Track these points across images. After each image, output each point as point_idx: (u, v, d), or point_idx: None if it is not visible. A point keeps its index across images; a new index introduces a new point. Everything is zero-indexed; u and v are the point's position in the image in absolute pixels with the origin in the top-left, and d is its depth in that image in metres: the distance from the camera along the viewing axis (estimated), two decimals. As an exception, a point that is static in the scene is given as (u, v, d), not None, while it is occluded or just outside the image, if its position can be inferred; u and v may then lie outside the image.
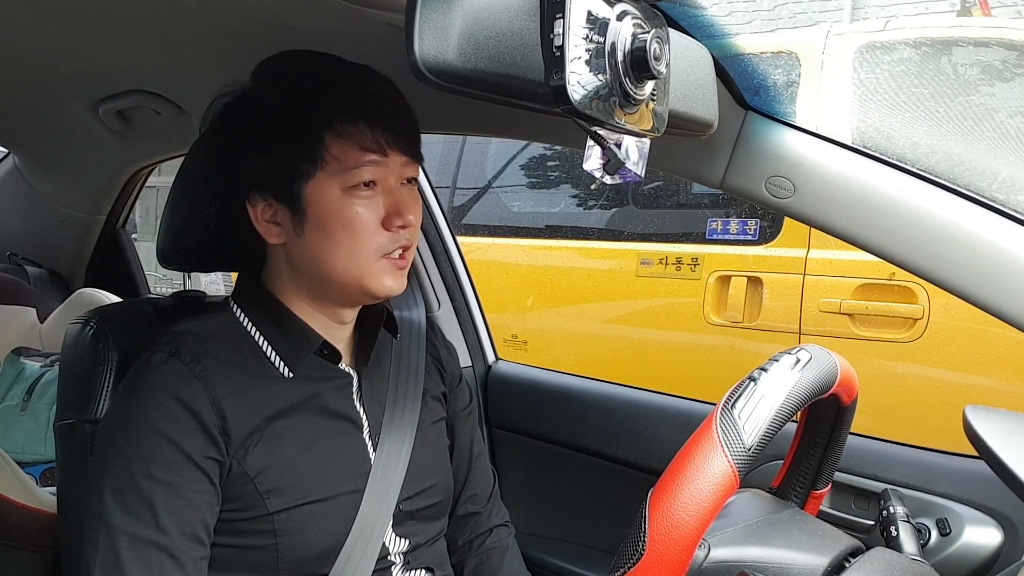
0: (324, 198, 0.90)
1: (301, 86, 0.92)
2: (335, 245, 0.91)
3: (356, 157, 0.90)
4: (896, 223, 0.92)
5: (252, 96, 0.95)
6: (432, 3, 0.59)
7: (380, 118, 0.90)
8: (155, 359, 0.91)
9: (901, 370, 2.36)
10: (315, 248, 0.92)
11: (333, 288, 0.95)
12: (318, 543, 0.93)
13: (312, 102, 0.91)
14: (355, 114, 0.90)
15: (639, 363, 2.86)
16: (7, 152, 2.10)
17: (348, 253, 0.91)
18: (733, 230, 2.70)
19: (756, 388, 0.71)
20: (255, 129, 0.93)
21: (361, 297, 0.96)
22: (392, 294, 0.95)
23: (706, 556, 0.77)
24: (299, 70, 0.94)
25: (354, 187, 0.90)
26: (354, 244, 0.91)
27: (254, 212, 0.94)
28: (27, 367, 1.85)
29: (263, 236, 0.94)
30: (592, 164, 0.71)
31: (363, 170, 0.90)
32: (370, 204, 0.91)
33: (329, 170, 0.90)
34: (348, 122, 0.90)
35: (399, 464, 1.00)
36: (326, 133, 0.89)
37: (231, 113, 0.96)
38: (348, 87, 0.92)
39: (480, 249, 3.21)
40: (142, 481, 0.85)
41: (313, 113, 0.90)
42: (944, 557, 1.10)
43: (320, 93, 0.91)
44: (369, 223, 0.91)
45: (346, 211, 0.90)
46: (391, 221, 0.91)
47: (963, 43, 2.33)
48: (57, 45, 1.18)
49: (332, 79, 0.92)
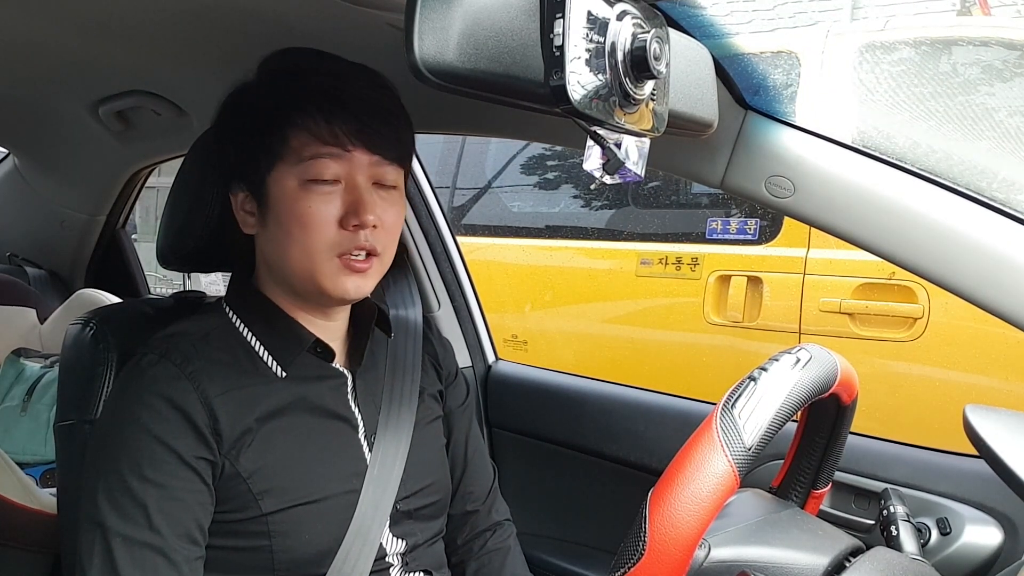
0: (281, 189, 0.91)
1: (275, 79, 0.94)
2: (290, 238, 0.91)
3: (313, 149, 0.90)
4: (896, 223, 0.92)
5: (241, 91, 0.97)
6: (432, 3, 0.59)
7: (343, 112, 0.90)
8: (146, 361, 0.91)
9: (901, 370, 2.36)
10: (276, 239, 0.93)
11: (295, 284, 0.95)
12: (314, 544, 0.93)
13: (280, 94, 0.92)
14: (315, 107, 0.89)
15: (639, 363, 2.86)
16: (7, 152, 2.10)
17: (301, 247, 0.91)
18: (733, 230, 2.70)
19: (756, 388, 0.71)
20: (233, 120, 0.96)
21: (319, 297, 0.95)
22: (350, 296, 0.94)
23: (706, 556, 0.77)
24: (283, 65, 0.95)
25: (311, 181, 0.90)
26: (306, 238, 0.90)
27: (235, 201, 0.96)
28: (27, 368, 1.85)
29: (240, 225, 0.96)
30: (592, 164, 0.71)
31: (319, 163, 0.90)
32: (327, 200, 0.90)
33: (288, 161, 0.91)
34: (307, 115, 0.90)
35: (396, 464, 1.00)
36: (286, 124, 0.90)
37: (225, 107, 0.99)
38: (319, 81, 0.91)
39: (480, 249, 3.21)
40: (134, 482, 0.85)
41: (278, 104, 0.91)
42: (944, 556, 1.09)
43: (289, 86, 0.92)
44: (322, 218, 0.90)
45: (300, 204, 0.90)
46: (348, 219, 0.90)
47: (963, 43, 2.33)
48: (57, 45, 1.18)
49: (306, 72, 0.93)
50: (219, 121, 0.99)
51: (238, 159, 0.95)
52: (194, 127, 1.47)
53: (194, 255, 1.05)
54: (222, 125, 0.99)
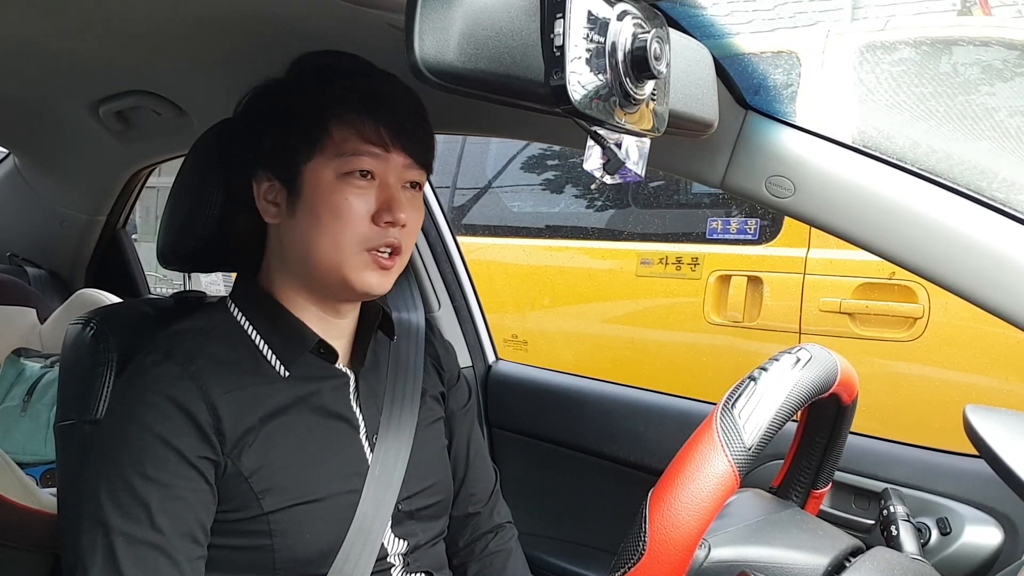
0: (318, 180, 0.92)
1: (314, 76, 0.96)
2: (321, 228, 0.92)
3: (355, 145, 0.92)
4: (896, 223, 0.92)
5: (277, 85, 0.98)
6: (432, 3, 0.59)
7: (385, 114, 0.92)
8: (149, 360, 0.92)
9: (901, 370, 2.36)
10: (303, 230, 0.94)
11: (317, 276, 0.95)
12: (315, 543, 0.93)
13: (323, 89, 0.93)
14: (360, 105, 0.92)
15: (639, 363, 2.86)
16: (7, 152, 2.10)
17: (332, 239, 0.92)
18: (733, 230, 2.70)
19: (756, 388, 0.71)
20: (270, 111, 0.97)
21: (342, 290, 0.96)
22: (373, 292, 0.95)
23: (706, 556, 0.77)
24: (323, 63, 0.97)
25: (349, 174, 0.92)
26: (339, 230, 0.92)
27: (258, 190, 0.97)
28: (27, 368, 1.85)
29: (261, 214, 0.97)
30: (592, 164, 0.71)
31: (361, 159, 0.92)
32: (362, 195, 0.92)
33: (328, 154, 0.92)
34: (352, 110, 0.92)
35: (397, 464, 1.00)
36: (331, 118, 0.92)
37: (255, 98, 1.00)
38: (362, 81, 0.94)
39: (480, 249, 3.21)
40: (137, 482, 0.86)
41: (321, 99, 0.93)
42: (944, 556, 1.09)
43: (333, 82, 0.94)
44: (358, 212, 0.92)
45: (336, 196, 0.92)
46: (380, 215, 0.92)
47: (963, 42, 2.33)
48: (57, 45, 1.18)
49: (350, 72, 0.95)
50: (248, 112, 1.00)
51: (271, 147, 0.95)
52: (194, 127, 1.47)
53: (194, 255, 1.05)
54: (251, 116, 0.99)
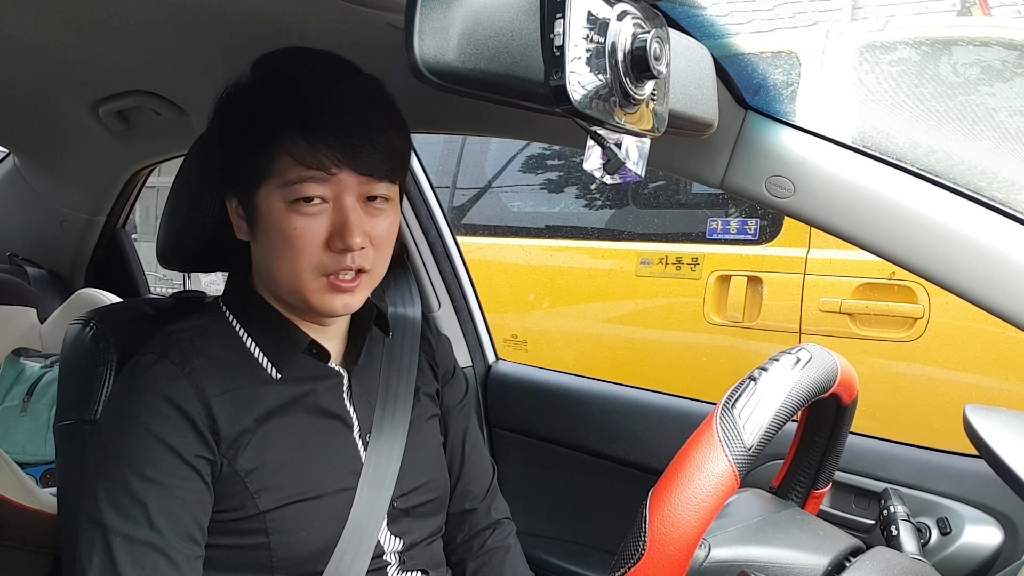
0: (269, 208, 0.89)
1: (263, 91, 0.91)
2: (277, 256, 0.90)
3: (296, 173, 0.87)
4: (896, 223, 0.92)
5: (234, 96, 0.95)
6: (432, 3, 0.59)
7: (326, 135, 0.86)
8: (145, 360, 0.92)
9: (901, 370, 2.36)
10: (264, 253, 0.93)
11: (283, 297, 0.95)
12: (311, 541, 0.93)
13: (267, 106, 0.89)
14: (299, 128, 0.86)
15: (639, 363, 2.86)
16: (7, 152, 2.10)
17: (289, 267, 0.90)
18: (733, 230, 2.70)
19: (756, 388, 0.71)
20: (227, 128, 0.94)
21: (307, 311, 0.95)
22: (338, 313, 0.93)
23: (707, 556, 0.77)
24: (274, 68, 0.92)
25: (295, 202, 0.88)
26: (293, 258, 0.89)
27: (229, 205, 0.96)
28: (27, 368, 1.85)
29: (235, 230, 0.96)
30: (592, 164, 0.71)
31: (305, 186, 0.87)
32: (313, 221, 0.88)
33: (274, 182, 0.89)
34: (290, 139, 0.87)
35: (392, 462, 1.00)
36: (272, 147, 0.88)
37: (218, 112, 0.97)
38: (305, 95, 0.88)
39: (480, 249, 3.21)
40: (134, 482, 0.86)
41: (265, 121, 0.89)
42: (944, 556, 1.09)
43: (276, 99, 0.89)
44: (308, 240, 0.88)
45: (285, 225, 0.88)
46: (334, 242, 0.88)
47: (963, 43, 2.33)
48: (57, 45, 1.18)
49: (294, 83, 0.89)
50: (213, 127, 0.98)
51: (227, 168, 0.94)
52: (194, 127, 1.47)
53: (194, 255, 1.05)
54: (217, 132, 0.97)
